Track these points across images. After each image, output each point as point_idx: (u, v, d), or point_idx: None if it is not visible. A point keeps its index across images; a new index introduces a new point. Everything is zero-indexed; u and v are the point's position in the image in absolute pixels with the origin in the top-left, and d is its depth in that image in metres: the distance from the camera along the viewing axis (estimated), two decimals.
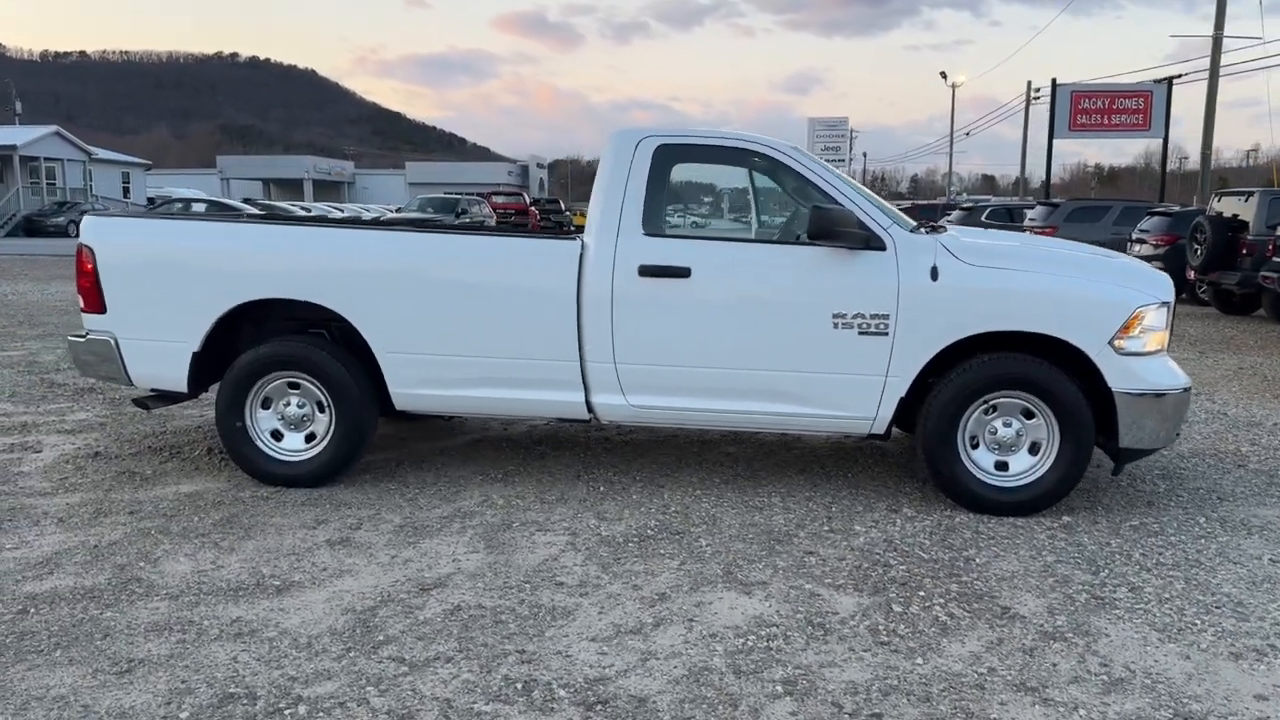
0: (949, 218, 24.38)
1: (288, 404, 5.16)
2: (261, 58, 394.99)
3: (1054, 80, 23.61)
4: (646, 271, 4.82)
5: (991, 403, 4.80)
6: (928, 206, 37.06)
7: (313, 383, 5.09)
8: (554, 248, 4.95)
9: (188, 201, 29.30)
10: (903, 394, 4.80)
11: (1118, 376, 4.68)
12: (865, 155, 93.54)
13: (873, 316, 4.73)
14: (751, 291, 4.82)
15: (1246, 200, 13.93)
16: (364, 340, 5.03)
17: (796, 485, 5.31)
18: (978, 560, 4.25)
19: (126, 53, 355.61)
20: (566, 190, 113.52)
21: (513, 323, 4.92)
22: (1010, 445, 4.84)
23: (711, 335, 4.83)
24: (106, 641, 3.37)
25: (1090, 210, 19.84)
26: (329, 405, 5.09)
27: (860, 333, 4.75)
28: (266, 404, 5.16)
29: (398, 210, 31.90)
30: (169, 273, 5.04)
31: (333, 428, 5.10)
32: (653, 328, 4.85)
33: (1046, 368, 4.70)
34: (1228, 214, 14.17)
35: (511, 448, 6.05)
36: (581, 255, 4.88)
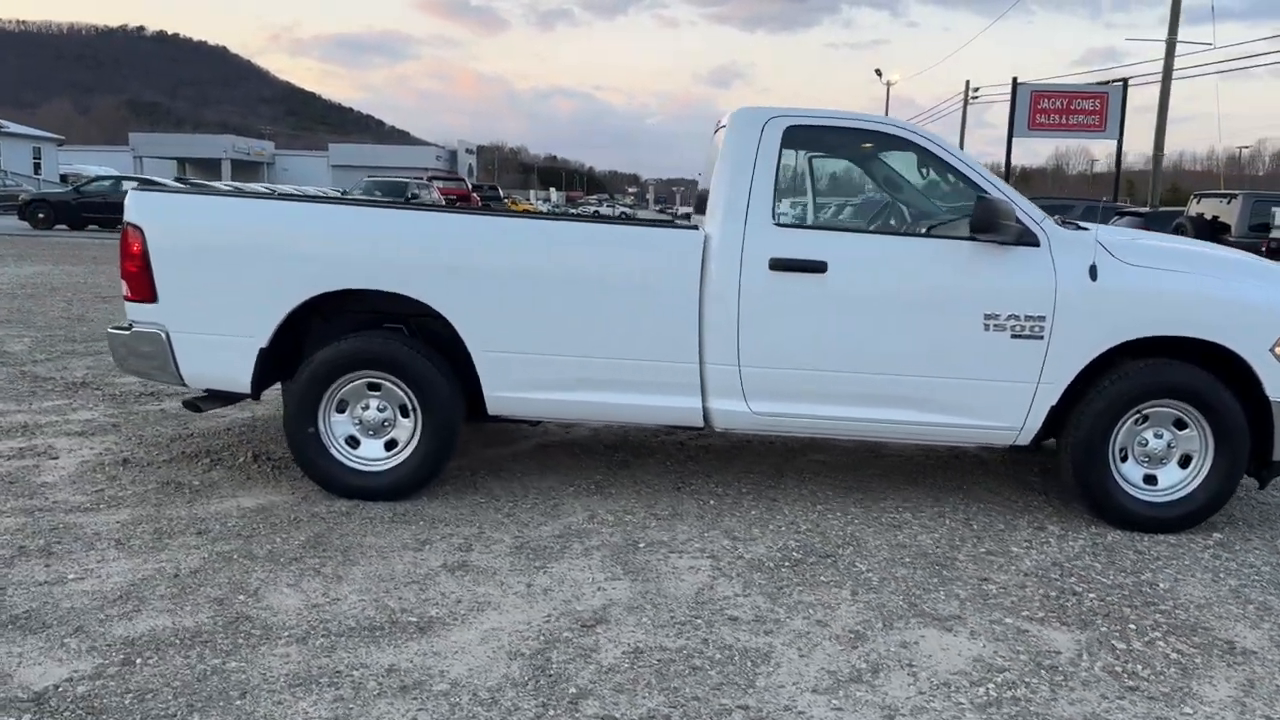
0: None
1: (366, 407, 4.58)
2: (170, 32, 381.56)
3: (1015, 79, 23.85)
4: (779, 265, 4.37)
5: (1144, 412, 4.49)
6: None
7: (397, 384, 4.52)
8: (675, 238, 4.47)
9: (117, 179, 27.71)
10: (1054, 403, 4.46)
11: (1277, 386, 4.41)
12: None
13: (1028, 318, 4.37)
14: (895, 289, 4.41)
15: (1229, 203, 14.08)
16: (457, 337, 4.48)
17: (918, 499, 4.93)
18: (1161, 585, 3.92)
19: (24, 22, 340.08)
20: (494, 176, 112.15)
21: (626, 320, 4.43)
22: (1160, 458, 4.54)
23: (849, 337, 4.41)
24: (249, 701, 2.80)
25: (1052, 209, 19.97)
26: (415, 409, 4.53)
27: (1014, 336, 4.39)
28: (342, 407, 4.58)
29: (343, 193, 30.72)
30: (236, 258, 4.41)
31: (419, 434, 4.55)
32: (783, 327, 4.41)
33: (1206, 376, 4.40)
34: (1208, 215, 14.31)
35: (586, 454, 5.55)
36: (705, 247, 4.41)
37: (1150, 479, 4.56)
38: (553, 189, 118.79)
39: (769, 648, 3.27)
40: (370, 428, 4.59)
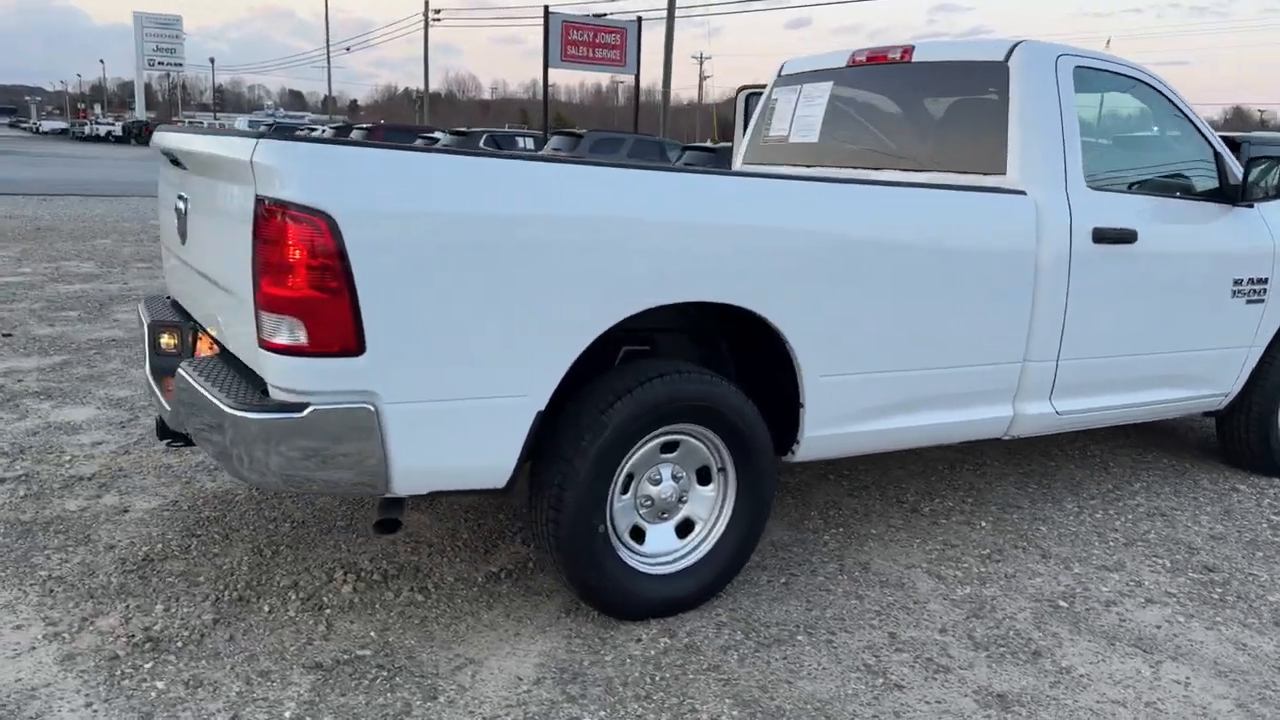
0: (440, 142, 23.05)
1: (657, 479, 2.98)
2: None
3: (546, 8, 23.74)
4: (1101, 237, 3.69)
5: None
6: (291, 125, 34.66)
7: (707, 438, 3.00)
8: (1005, 206, 3.52)
9: None
10: (1255, 365, 4.43)
11: None
12: (213, 61, 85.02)
13: (1257, 281, 4.26)
14: (1187, 260, 4.00)
15: None
16: (789, 359, 3.09)
17: (1102, 482, 4.62)
18: None
19: None
20: None
21: (959, 315, 3.42)
22: None
23: (1147, 315, 3.91)
24: None
25: (609, 141, 20.61)
26: (726, 468, 3.06)
27: (1247, 301, 4.25)
28: (626, 484, 2.93)
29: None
30: (520, 264, 2.49)
31: (731, 505, 3.09)
32: (1099, 310, 3.76)
33: None
34: None
35: None
36: (1037, 216, 3.56)
37: None
38: None
39: None
40: (661, 508, 3.00)
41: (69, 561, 3.18)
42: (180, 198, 3.03)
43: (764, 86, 6.31)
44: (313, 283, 2.30)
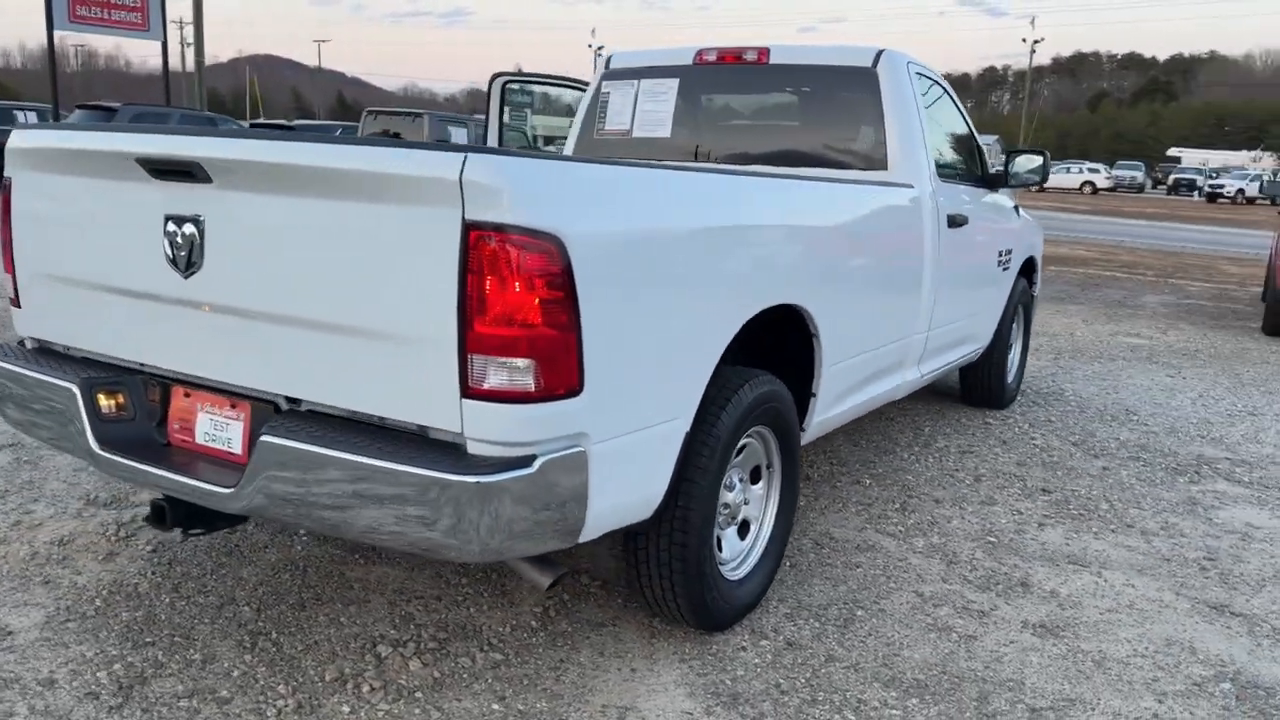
0: None
1: (731, 485, 2.98)
2: None
3: None
4: (952, 222, 4.29)
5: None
6: None
7: (764, 437, 3.06)
8: (911, 198, 3.94)
9: None
10: (999, 321, 5.39)
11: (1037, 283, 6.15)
12: None
13: (1007, 253, 5.20)
14: (985, 238, 4.77)
15: (414, 120, 15.27)
16: (812, 351, 3.24)
17: (920, 443, 5.32)
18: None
19: None
20: None
21: (898, 295, 3.89)
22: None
23: (966, 286, 4.63)
24: None
25: (152, 116, 18.41)
26: (774, 466, 3.15)
27: (1003, 269, 5.17)
28: None
29: None
30: (681, 279, 2.36)
31: (775, 499, 3.18)
32: (947, 285, 4.36)
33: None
34: (391, 132, 15.31)
35: None
36: (919, 205, 4.04)
37: None
38: None
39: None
40: (733, 514, 3.01)
41: (15, 716, 2.37)
42: (175, 219, 2.36)
43: (518, 74, 6.19)
44: (545, 318, 2.00)
